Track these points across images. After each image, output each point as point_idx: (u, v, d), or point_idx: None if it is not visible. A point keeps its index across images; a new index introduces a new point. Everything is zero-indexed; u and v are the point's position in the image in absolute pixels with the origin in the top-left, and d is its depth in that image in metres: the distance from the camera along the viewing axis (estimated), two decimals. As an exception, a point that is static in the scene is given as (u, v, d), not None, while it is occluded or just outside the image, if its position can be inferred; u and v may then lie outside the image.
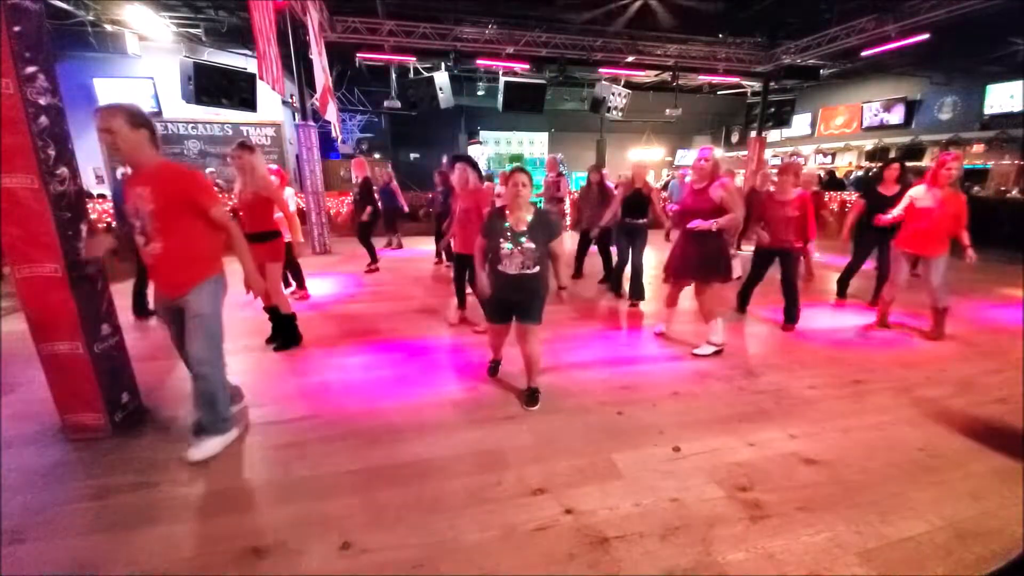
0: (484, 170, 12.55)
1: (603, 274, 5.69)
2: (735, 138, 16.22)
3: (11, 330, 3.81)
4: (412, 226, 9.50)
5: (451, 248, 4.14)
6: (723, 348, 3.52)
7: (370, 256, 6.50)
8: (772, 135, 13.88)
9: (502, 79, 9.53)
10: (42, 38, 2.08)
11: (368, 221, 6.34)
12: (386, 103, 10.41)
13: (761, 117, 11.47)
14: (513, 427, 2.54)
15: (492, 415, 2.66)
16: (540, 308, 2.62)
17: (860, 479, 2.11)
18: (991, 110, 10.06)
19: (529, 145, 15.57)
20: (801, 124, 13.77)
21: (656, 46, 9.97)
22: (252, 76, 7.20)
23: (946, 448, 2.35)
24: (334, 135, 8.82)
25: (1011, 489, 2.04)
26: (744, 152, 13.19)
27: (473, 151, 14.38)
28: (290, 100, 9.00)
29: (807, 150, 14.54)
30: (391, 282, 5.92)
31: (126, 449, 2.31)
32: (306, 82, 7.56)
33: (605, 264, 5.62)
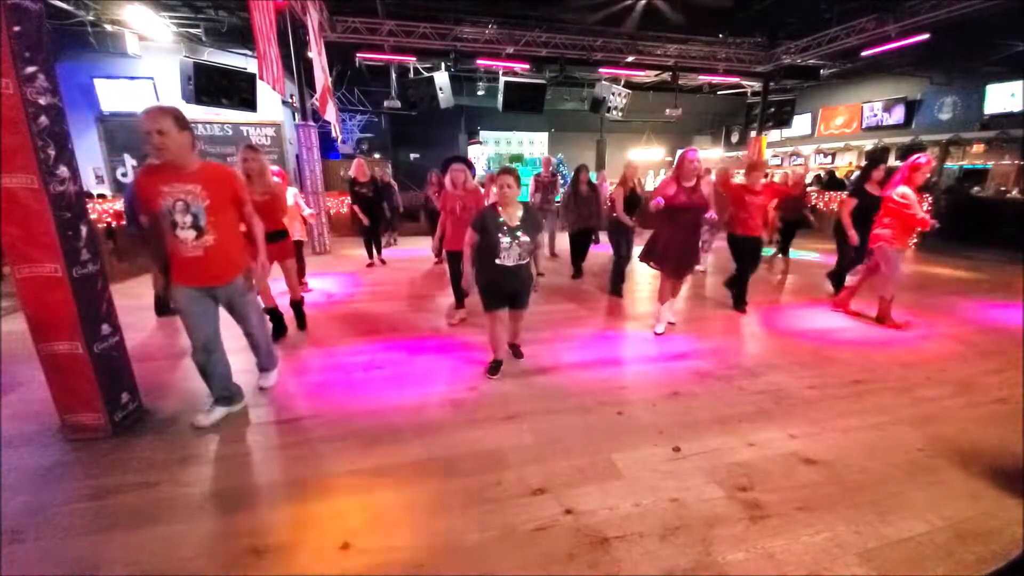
0: (484, 170, 12.61)
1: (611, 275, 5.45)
2: (735, 138, 16.21)
3: (11, 330, 3.81)
4: (411, 226, 9.51)
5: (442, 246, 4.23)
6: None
7: (372, 253, 6.70)
8: (772, 135, 13.87)
9: (502, 79, 9.53)
10: (42, 38, 2.08)
11: (379, 220, 6.51)
12: (386, 103, 10.40)
13: (761, 117, 11.47)
14: (513, 427, 2.54)
15: (492, 415, 2.66)
16: (528, 295, 3.06)
17: (860, 479, 2.11)
18: (991, 110, 10.06)
19: (529, 145, 15.57)
20: (801, 124, 13.74)
21: (656, 46, 9.97)
22: (252, 76, 7.20)
23: (946, 448, 2.35)
24: (334, 135, 8.82)
25: (1011, 489, 2.04)
26: (744, 152, 13.19)
27: (473, 151, 14.38)
28: (290, 100, 9.00)
29: (807, 150, 14.53)
30: (391, 281, 5.92)
31: (126, 449, 2.31)
32: (306, 82, 7.56)
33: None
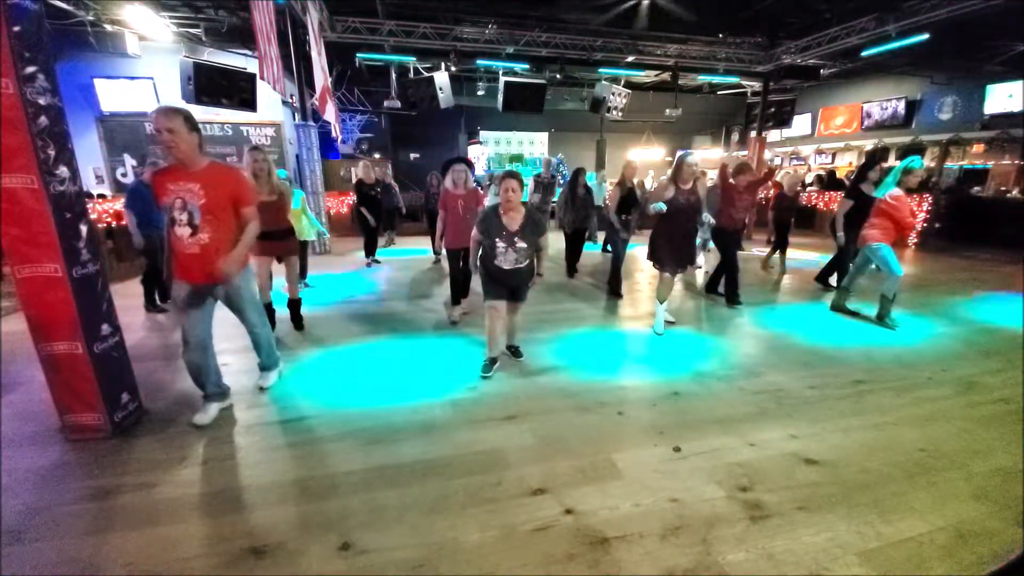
0: (484, 170, 12.61)
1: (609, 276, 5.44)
2: (735, 138, 16.20)
3: (11, 330, 3.81)
4: (411, 226, 9.51)
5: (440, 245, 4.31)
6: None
7: (369, 253, 6.77)
8: (772, 135, 13.86)
9: (502, 79, 9.53)
10: (42, 38, 2.07)
11: (379, 221, 6.58)
12: (386, 103, 10.40)
13: (761, 117, 11.45)
14: (513, 427, 2.53)
15: (492, 415, 2.66)
16: (527, 290, 3.18)
17: (861, 479, 2.11)
18: (991, 110, 10.06)
19: (529, 145, 15.56)
20: (801, 124, 13.73)
21: (656, 46, 9.96)
22: (252, 76, 7.20)
23: (947, 448, 2.35)
24: (334, 135, 8.82)
25: (1012, 489, 2.04)
26: (744, 152, 13.18)
27: (473, 151, 14.38)
28: (290, 100, 9.00)
29: (807, 150, 14.53)
30: (390, 281, 5.92)
31: (126, 449, 2.31)
32: (306, 82, 7.56)
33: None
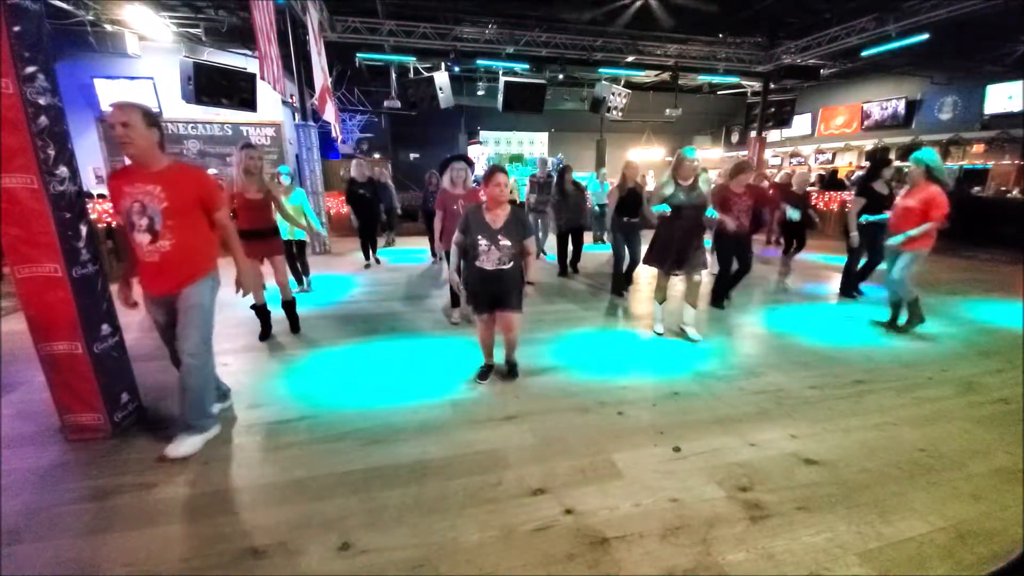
0: (484, 170, 12.58)
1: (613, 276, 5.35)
2: (735, 138, 16.21)
3: (11, 330, 3.81)
4: (411, 226, 9.51)
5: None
6: None
7: (368, 254, 6.67)
8: (772, 135, 13.87)
9: (502, 79, 9.53)
10: (42, 38, 2.07)
11: (377, 220, 6.49)
12: (386, 103, 10.41)
13: (761, 117, 11.47)
14: (513, 427, 2.53)
15: (492, 415, 2.65)
16: (519, 297, 2.84)
17: (861, 479, 2.11)
18: (991, 110, 10.06)
19: (529, 145, 15.58)
20: (801, 124, 13.75)
21: (656, 46, 9.97)
22: (252, 76, 7.20)
23: (947, 448, 2.35)
24: (334, 135, 8.82)
25: (1012, 489, 2.04)
26: (744, 152, 13.18)
27: (473, 151, 14.39)
28: (290, 100, 9.01)
29: (807, 150, 14.53)
30: (390, 281, 5.92)
31: (125, 449, 2.31)
32: (306, 82, 7.56)
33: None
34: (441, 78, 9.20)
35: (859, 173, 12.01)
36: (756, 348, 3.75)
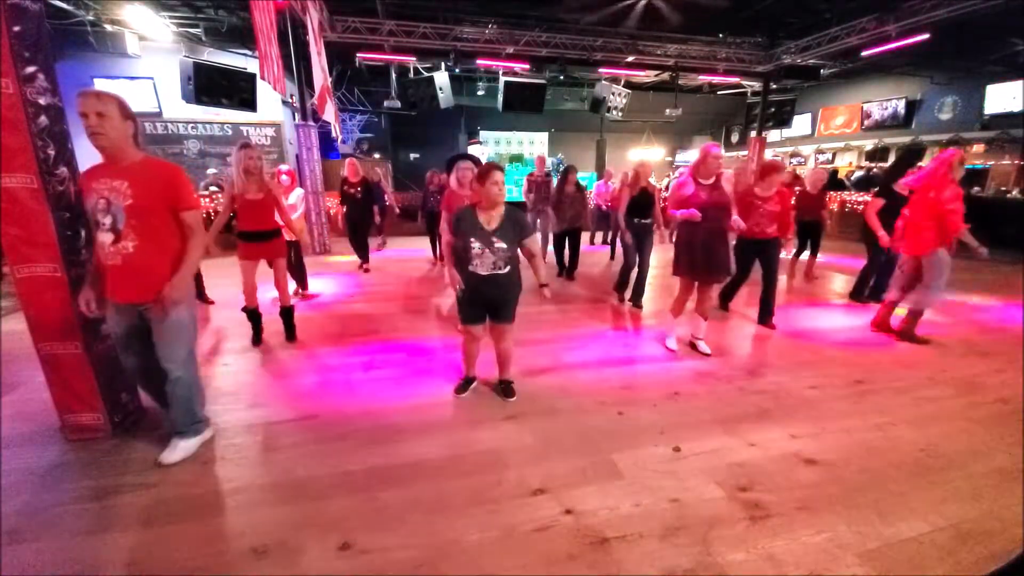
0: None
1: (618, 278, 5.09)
2: (735, 138, 16.21)
3: (11, 330, 3.81)
4: (412, 226, 9.50)
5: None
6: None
7: (363, 256, 6.51)
8: (772, 135, 13.87)
9: (502, 79, 9.53)
10: (42, 38, 2.07)
11: (371, 221, 6.36)
12: (386, 103, 10.41)
13: (761, 117, 11.47)
14: (513, 427, 2.53)
15: (492, 415, 2.65)
16: (513, 307, 2.66)
17: (861, 479, 2.11)
18: (991, 110, 10.06)
19: (529, 145, 15.58)
20: (801, 124, 13.75)
21: (656, 46, 9.96)
22: (252, 76, 7.20)
23: (947, 448, 2.35)
24: (334, 135, 8.82)
25: (1012, 489, 2.04)
26: (744, 152, 13.19)
27: (473, 151, 14.38)
28: (290, 100, 9.01)
29: (807, 150, 14.54)
30: (390, 282, 5.92)
31: (125, 449, 2.30)
32: (306, 82, 7.56)
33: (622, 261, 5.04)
34: (441, 78, 9.20)
35: (859, 173, 12.03)
36: (756, 348, 3.75)
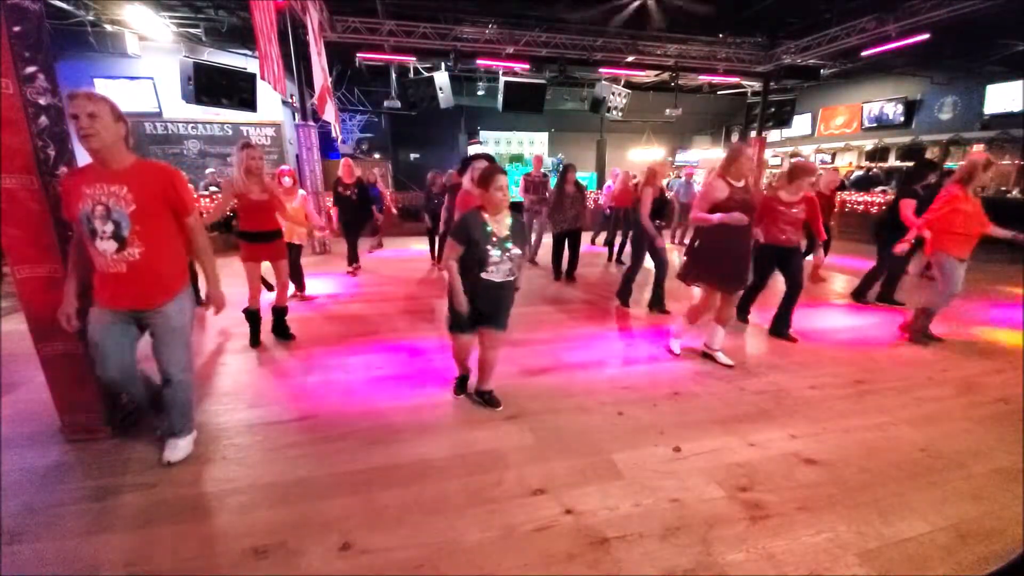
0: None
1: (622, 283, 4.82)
2: (735, 138, 16.21)
3: (11, 330, 3.81)
4: (411, 226, 9.51)
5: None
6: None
7: (353, 258, 6.33)
8: (772, 135, 13.87)
9: (502, 79, 9.54)
10: (42, 38, 2.07)
11: (365, 223, 6.28)
12: (386, 103, 10.42)
13: (761, 117, 11.48)
14: (513, 427, 2.53)
15: (492, 415, 2.65)
16: (508, 314, 2.59)
17: (861, 479, 2.11)
18: (991, 110, 10.06)
19: (529, 145, 15.57)
20: (801, 124, 13.75)
21: (656, 46, 9.97)
22: (252, 76, 7.21)
23: (947, 448, 2.35)
24: (334, 135, 8.82)
25: (1012, 489, 2.04)
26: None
27: (473, 151, 14.38)
28: (290, 100, 9.02)
29: (807, 150, 14.53)
30: (389, 283, 5.92)
31: (125, 450, 2.30)
32: (306, 82, 7.56)
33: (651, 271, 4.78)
34: (441, 78, 9.21)
35: (858, 173, 12.02)
36: (756, 348, 3.74)
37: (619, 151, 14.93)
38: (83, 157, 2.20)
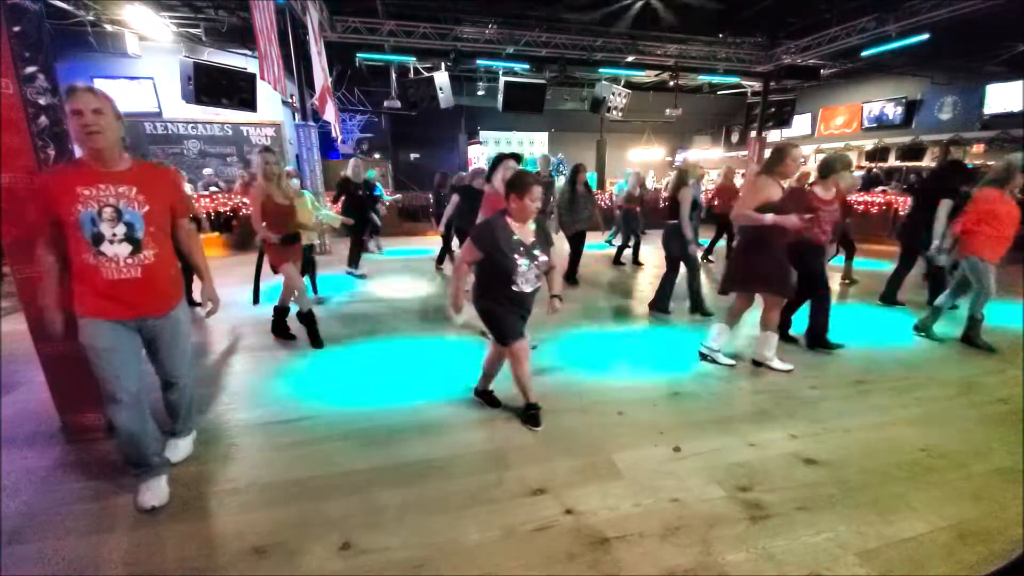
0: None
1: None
2: (735, 138, 16.20)
3: (11, 330, 3.81)
4: (412, 226, 9.52)
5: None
6: None
7: (358, 258, 6.23)
8: (772, 135, 13.88)
9: (502, 79, 9.54)
10: (42, 38, 2.07)
11: (367, 225, 6.28)
12: (386, 103, 10.42)
13: (761, 117, 11.48)
14: (513, 427, 2.53)
15: (492, 415, 2.66)
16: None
17: (861, 479, 2.11)
18: (991, 110, 10.06)
19: (529, 145, 15.56)
20: (801, 124, 13.75)
21: (656, 46, 9.97)
22: (252, 76, 7.21)
23: (947, 448, 2.35)
24: (334, 135, 8.82)
25: (1012, 489, 2.04)
26: (744, 152, 13.19)
27: (473, 151, 14.38)
28: (290, 100, 9.02)
29: (807, 150, 14.53)
30: (392, 282, 5.92)
31: (126, 449, 2.30)
32: (306, 82, 7.56)
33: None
34: (441, 78, 9.21)
35: (858, 173, 12.01)
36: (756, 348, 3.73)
37: (619, 151, 14.92)
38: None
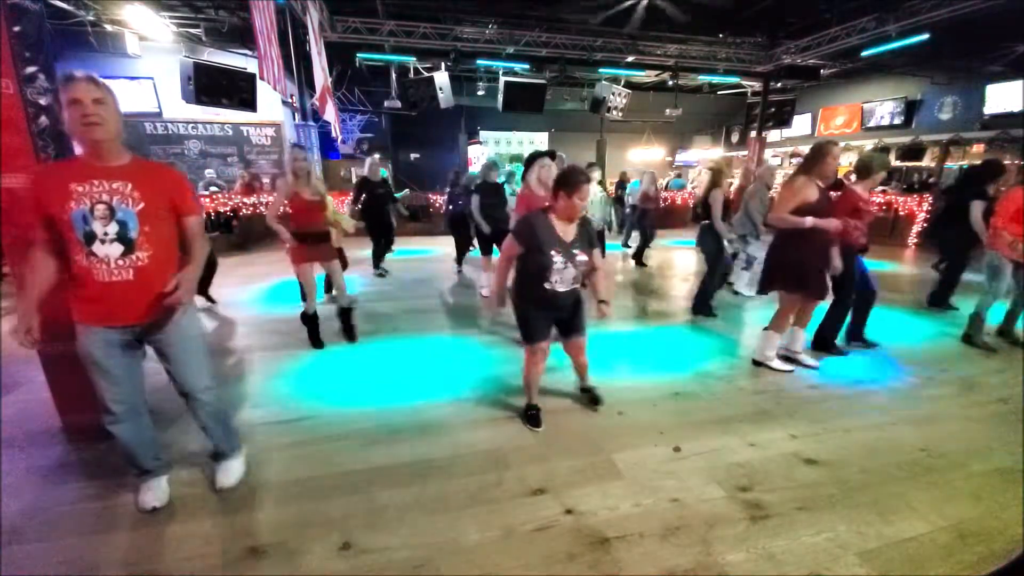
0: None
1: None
2: (735, 138, 16.21)
3: (11, 330, 3.81)
4: (413, 226, 9.51)
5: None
6: None
7: (380, 262, 6.17)
8: (772, 135, 13.87)
9: (502, 79, 9.54)
10: (42, 38, 2.07)
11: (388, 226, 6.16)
12: (386, 103, 10.43)
13: (761, 117, 11.48)
14: (514, 427, 2.53)
15: (493, 415, 2.66)
16: (584, 317, 2.52)
17: (861, 479, 2.11)
18: (991, 110, 10.06)
19: (529, 145, 15.55)
20: (801, 124, 13.75)
21: (656, 46, 9.97)
22: (252, 76, 7.21)
23: (947, 448, 2.35)
24: (334, 135, 8.83)
25: (1012, 489, 2.04)
26: (744, 152, 13.19)
27: (473, 151, 14.38)
28: (290, 100, 9.03)
29: (807, 150, 14.54)
30: (394, 282, 5.92)
31: (126, 449, 2.30)
32: (306, 82, 7.56)
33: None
34: (441, 78, 9.21)
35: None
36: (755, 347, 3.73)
37: (619, 151, 14.94)
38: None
